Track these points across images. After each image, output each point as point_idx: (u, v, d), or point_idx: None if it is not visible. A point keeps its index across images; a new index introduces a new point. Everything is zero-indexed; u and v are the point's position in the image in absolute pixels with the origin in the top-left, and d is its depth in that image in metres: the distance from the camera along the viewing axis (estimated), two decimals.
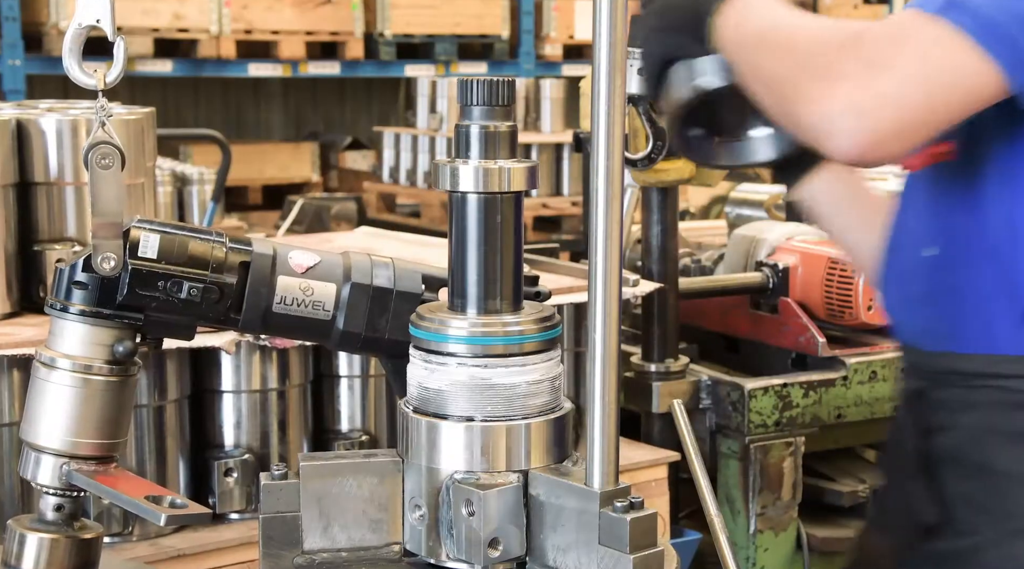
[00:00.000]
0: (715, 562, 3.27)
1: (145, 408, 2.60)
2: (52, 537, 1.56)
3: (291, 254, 1.61)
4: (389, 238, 3.55)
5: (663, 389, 3.45)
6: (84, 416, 1.55)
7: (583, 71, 6.96)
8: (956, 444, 1.79)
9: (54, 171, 2.72)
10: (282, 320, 1.60)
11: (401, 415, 1.52)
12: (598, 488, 1.39)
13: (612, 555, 1.37)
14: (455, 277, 1.51)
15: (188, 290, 1.55)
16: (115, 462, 1.59)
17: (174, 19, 8.24)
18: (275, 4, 8.63)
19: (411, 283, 1.63)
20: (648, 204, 3.46)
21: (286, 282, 1.60)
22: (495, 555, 1.43)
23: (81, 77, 1.58)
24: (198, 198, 6.28)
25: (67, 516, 1.58)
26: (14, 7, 7.90)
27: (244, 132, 10.69)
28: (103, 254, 1.53)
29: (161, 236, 1.56)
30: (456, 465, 1.47)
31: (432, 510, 1.48)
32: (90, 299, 1.55)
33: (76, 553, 1.58)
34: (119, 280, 1.54)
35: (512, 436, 1.47)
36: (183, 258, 1.56)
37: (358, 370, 2.85)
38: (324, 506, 1.51)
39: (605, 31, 1.33)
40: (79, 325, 1.55)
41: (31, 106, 3.03)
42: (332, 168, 10.24)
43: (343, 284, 1.61)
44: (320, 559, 1.52)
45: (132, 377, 1.59)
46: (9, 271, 2.68)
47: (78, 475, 1.54)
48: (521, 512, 1.44)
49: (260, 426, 2.73)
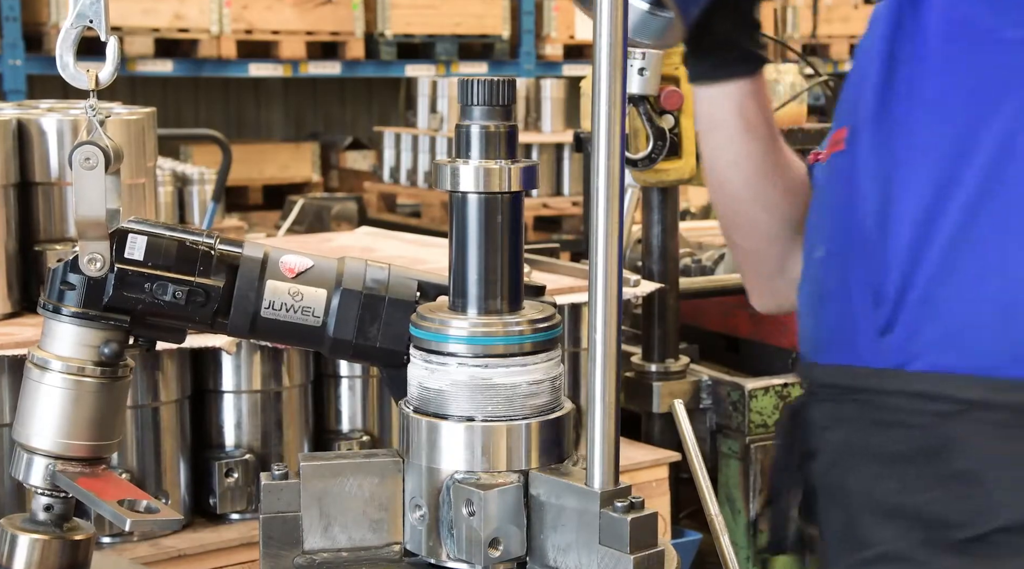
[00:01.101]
0: (715, 562, 3.28)
1: (145, 408, 2.60)
2: (42, 538, 1.56)
3: (283, 258, 1.59)
4: (390, 238, 3.55)
5: (663, 389, 3.45)
6: (73, 417, 1.55)
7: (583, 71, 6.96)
8: (822, 468, 1.63)
9: (54, 171, 2.73)
10: (271, 325, 1.58)
11: (401, 415, 1.52)
12: (598, 488, 1.39)
13: (612, 555, 1.37)
14: (455, 277, 1.50)
15: (173, 293, 1.53)
16: (104, 464, 1.59)
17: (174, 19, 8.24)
18: (275, 4, 8.64)
19: (405, 291, 1.61)
20: (648, 204, 3.46)
21: (275, 286, 1.58)
22: (495, 555, 1.43)
23: (74, 76, 1.58)
24: (198, 198, 6.28)
25: (57, 517, 1.58)
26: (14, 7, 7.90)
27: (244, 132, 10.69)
28: (89, 255, 1.52)
29: (149, 237, 1.55)
30: (456, 465, 1.47)
31: (432, 510, 1.48)
32: (78, 300, 1.54)
33: (66, 554, 1.57)
34: (106, 281, 1.53)
35: (512, 436, 1.47)
36: (170, 260, 1.54)
37: (358, 370, 2.85)
38: (324, 506, 1.51)
39: (605, 31, 1.33)
40: (68, 326, 1.55)
41: (31, 106, 3.04)
42: (332, 168, 10.25)
43: (334, 290, 1.59)
44: (320, 559, 1.52)
45: (123, 379, 1.58)
46: (9, 271, 2.68)
47: (60, 476, 1.54)
48: (521, 512, 1.44)
49: (260, 426, 2.73)
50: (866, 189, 1.58)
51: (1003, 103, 1.50)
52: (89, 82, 1.57)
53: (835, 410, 1.60)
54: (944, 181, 1.52)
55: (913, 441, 1.52)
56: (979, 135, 1.50)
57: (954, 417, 1.49)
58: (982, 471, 1.46)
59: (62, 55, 1.57)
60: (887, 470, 1.54)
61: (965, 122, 1.52)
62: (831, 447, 1.61)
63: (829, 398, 1.62)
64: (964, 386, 1.48)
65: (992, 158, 1.49)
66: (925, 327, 1.53)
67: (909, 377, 1.53)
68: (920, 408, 1.51)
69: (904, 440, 1.52)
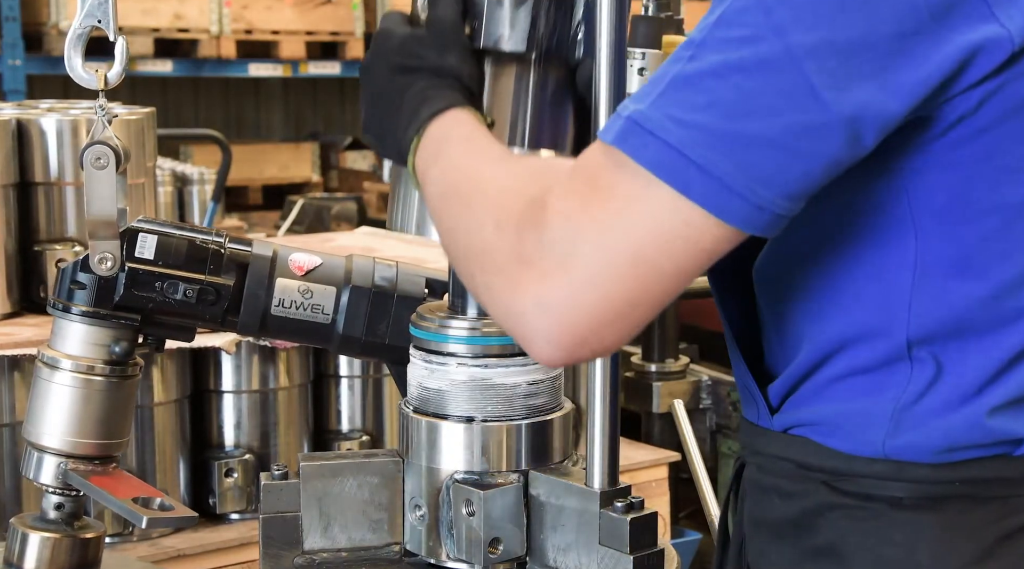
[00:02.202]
0: None
1: (145, 408, 2.60)
2: (53, 536, 1.57)
3: (292, 256, 1.60)
4: (389, 238, 3.55)
5: (663, 389, 3.45)
6: (83, 416, 1.56)
7: None
8: (741, 538, 1.46)
9: (54, 171, 2.73)
10: (281, 323, 1.59)
11: (401, 415, 1.52)
12: (598, 488, 1.39)
13: (612, 555, 1.37)
14: (455, 277, 1.50)
15: (184, 291, 1.54)
16: (115, 462, 1.59)
17: (174, 19, 8.24)
18: (275, 4, 8.63)
19: (414, 287, 1.62)
20: None
21: (285, 284, 1.59)
22: (495, 555, 1.43)
23: (82, 77, 1.59)
24: (198, 198, 6.27)
25: (68, 515, 1.59)
26: (14, 7, 7.89)
27: (244, 132, 10.69)
28: (100, 254, 1.53)
29: (159, 237, 1.56)
30: (456, 465, 1.47)
31: (432, 510, 1.48)
32: (89, 299, 1.55)
33: (77, 552, 1.58)
34: (117, 280, 1.54)
35: (512, 436, 1.47)
36: (180, 259, 1.55)
37: (358, 370, 2.85)
38: (324, 506, 1.51)
39: (605, 31, 1.33)
40: (78, 325, 1.56)
41: (31, 106, 3.04)
42: (332, 168, 10.24)
43: (343, 287, 1.60)
44: (320, 559, 1.52)
45: (132, 378, 1.59)
46: (9, 271, 2.68)
47: (73, 474, 1.54)
48: (521, 512, 1.44)
49: (260, 426, 2.73)
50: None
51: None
52: (98, 82, 1.58)
53: (750, 475, 1.43)
54: None
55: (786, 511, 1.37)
56: None
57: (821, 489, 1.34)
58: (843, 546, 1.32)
59: (70, 56, 1.57)
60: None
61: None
62: (743, 516, 1.45)
63: (749, 461, 1.45)
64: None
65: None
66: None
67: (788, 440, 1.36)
68: (794, 474, 1.36)
69: (780, 509, 1.38)
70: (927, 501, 1.28)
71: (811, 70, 1.11)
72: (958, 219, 1.22)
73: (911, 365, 1.27)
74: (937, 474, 1.27)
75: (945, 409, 1.26)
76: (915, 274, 1.24)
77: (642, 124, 1.15)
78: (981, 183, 1.21)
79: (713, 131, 1.13)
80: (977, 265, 1.23)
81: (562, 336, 1.17)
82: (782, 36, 1.12)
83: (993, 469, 1.27)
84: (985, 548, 1.27)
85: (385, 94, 1.38)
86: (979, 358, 1.25)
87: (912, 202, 1.21)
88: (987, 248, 1.23)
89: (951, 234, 1.23)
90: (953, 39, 1.13)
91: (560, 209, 1.17)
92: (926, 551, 1.27)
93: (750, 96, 1.12)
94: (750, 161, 1.12)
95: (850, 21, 1.12)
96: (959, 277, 1.24)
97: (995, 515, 1.27)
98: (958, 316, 1.25)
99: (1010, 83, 1.17)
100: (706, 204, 1.13)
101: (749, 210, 1.13)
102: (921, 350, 1.26)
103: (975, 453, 1.27)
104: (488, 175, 1.27)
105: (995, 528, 1.27)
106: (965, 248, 1.23)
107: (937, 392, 1.27)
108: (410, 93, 1.36)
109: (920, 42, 1.13)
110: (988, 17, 1.14)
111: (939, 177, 1.21)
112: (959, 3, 1.13)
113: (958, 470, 1.27)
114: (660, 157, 1.13)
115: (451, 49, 1.38)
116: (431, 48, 1.38)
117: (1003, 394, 1.25)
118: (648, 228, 1.14)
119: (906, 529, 1.28)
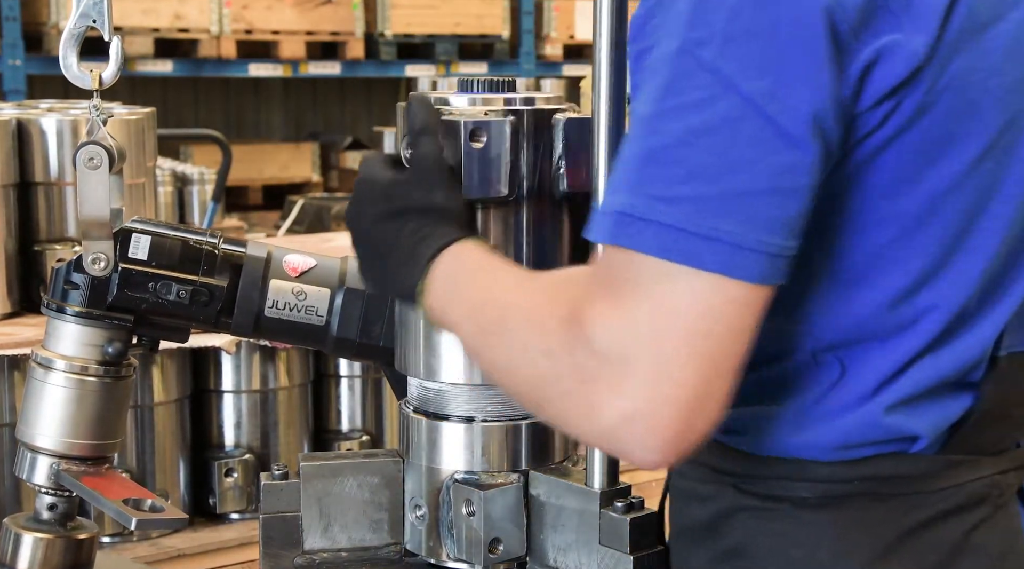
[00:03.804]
0: None
1: (145, 408, 2.60)
2: (46, 537, 1.57)
3: (286, 257, 1.60)
4: None
5: None
6: (77, 417, 1.55)
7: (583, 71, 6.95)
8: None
9: (54, 171, 2.73)
10: (274, 324, 1.58)
11: (401, 415, 1.52)
12: (598, 488, 1.39)
13: (612, 555, 1.37)
14: None
15: (177, 292, 1.53)
16: (108, 463, 1.59)
17: (174, 19, 8.24)
18: (275, 4, 8.63)
19: None
20: None
21: (279, 286, 1.58)
22: (495, 555, 1.43)
23: (77, 76, 1.58)
24: (198, 198, 6.27)
25: (61, 516, 1.58)
26: (14, 7, 7.89)
27: (244, 132, 10.68)
28: (93, 254, 1.52)
29: (152, 237, 1.55)
30: (456, 465, 1.47)
31: (432, 510, 1.48)
32: (82, 300, 1.54)
33: (70, 553, 1.58)
34: (110, 281, 1.54)
35: (512, 436, 1.47)
36: (173, 260, 1.54)
37: (359, 370, 2.85)
38: (324, 506, 1.51)
39: (605, 31, 1.33)
40: (72, 325, 1.55)
41: (31, 106, 3.04)
42: (332, 168, 10.24)
43: (338, 289, 1.59)
44: (320, 559, 1.52)
45: (126, 379, 1.59)
46: (9, 271, 2.69)
47: (65, 475, 1.54)
48: (521, 512, 1.44)
49: (260, 426, 2.73)
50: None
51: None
52: (93, 82, 1.57)
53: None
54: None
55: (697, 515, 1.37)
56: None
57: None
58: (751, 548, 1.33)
59: (65, 55, 1.57)
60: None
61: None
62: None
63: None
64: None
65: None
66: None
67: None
68: (708, 478, 1.36)
69: (696, 513, 1.37)
70: (829, 500, 1.29)
71: (774, 111, 1.12)
72: (858, 229, 1.23)
73: (817, 369, 1.28)
74: (837, 472, 1.29)
75: (843, 409, 1.28)
76: (820, 283, 1.26)
77: (631, 213, 1.14)
78: (880, 194, 1.22)
79: (702, 199, 1.12)
80: (876, 273, 1.25)
81: (657, 439, 1.15)
82: (736, 89, 1.13)
83: (890, 466, 1.28)
84: (887, 545, 1.28)
85: (377, 240, 1.39)
86: (878, 361, 1.27)
87: (817, 217, 1.22)
88: (885, 256, 1.24)
89: (852, 244, 1.24)
90: (861, 52, 1.15)
91: (596, 319, 1.15)
92: (827, 549, 1.28)
93: (725, 154, 1.13)
94: (748, 214, 1.13)
95: (791, 57, 1.13)
96: (859, 285, 1.25)
97: (896, 513, 1.28)
98: (860, 322, 1.26)
99: (908, 97, 1.18)
100: (723, 270, 1.12)
101: (766, 261, 1.14)
102: (827, 354, 1.27)
103: (872, 450, 1.28)
104: (512, 304, 1.25)
105: (896, 525, 1.28)
106: (865, 257, 1.24)
107: (837, 393, 1.28)
108: (404, 235, 1.36)
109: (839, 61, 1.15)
110: (896, 28, 1.16)
111: (842, 191, 1.22)
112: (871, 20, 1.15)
113: (857, 468, 1.28)
114: (662, 241, 1.13)
115: (438, 187, 1.39)
116: (417, 189, 1.39)
117: (899, 393, 1.27)
118: (683, 308, 1.13)
119: (809, 528, 1.29)
